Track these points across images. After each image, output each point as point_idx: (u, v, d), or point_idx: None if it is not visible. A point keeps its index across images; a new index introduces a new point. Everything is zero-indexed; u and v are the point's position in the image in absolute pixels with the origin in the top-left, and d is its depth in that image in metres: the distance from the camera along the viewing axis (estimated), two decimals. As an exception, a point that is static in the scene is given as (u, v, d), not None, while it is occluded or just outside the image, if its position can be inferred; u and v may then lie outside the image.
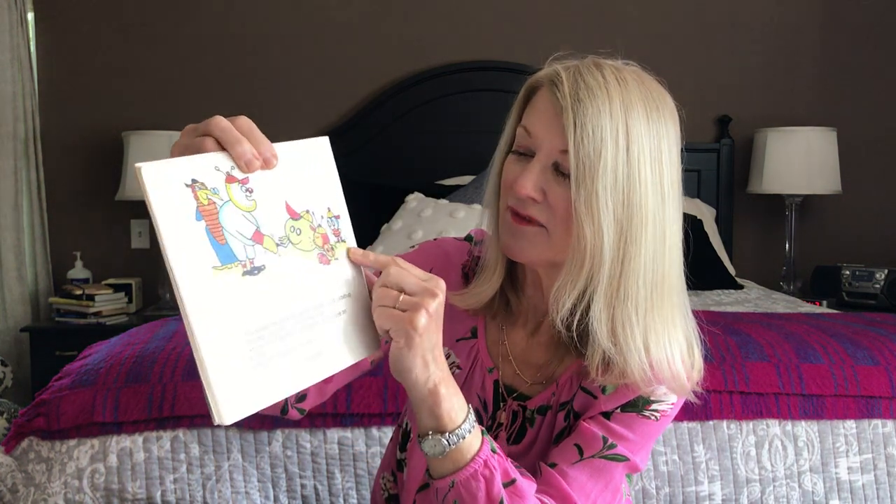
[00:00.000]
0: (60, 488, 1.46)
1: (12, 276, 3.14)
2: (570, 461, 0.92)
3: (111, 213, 3.34)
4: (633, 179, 0.86)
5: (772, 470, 1.52)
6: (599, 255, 0.86)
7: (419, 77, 3.34)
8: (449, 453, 0.83)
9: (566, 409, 0.98)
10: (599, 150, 0.85)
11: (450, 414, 0.82)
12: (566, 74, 0.89)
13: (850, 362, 1.59)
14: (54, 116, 3.32)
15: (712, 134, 3.43)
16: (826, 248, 3.44)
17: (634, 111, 0.87)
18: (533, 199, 0.89)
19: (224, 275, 0.71)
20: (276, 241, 0.76)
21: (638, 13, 3.39)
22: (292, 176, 0.79)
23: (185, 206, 0.70)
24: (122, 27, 3.33)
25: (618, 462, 0.93)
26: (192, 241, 0.70)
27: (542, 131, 0.89)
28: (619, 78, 0.88)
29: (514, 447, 1.00)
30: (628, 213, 0.86)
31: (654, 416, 0.94)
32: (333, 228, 0.81)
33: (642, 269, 0.88)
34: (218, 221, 0.71)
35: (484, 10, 3.38)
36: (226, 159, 0.73)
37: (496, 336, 1.03)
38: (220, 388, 0.70)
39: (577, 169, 0.85)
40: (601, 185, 0.85)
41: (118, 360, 1.58)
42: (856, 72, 3.42)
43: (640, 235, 0.87)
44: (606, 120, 0.85)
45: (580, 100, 0.86)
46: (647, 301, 0.89)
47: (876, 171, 3.43)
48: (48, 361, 2.81)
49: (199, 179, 0.71)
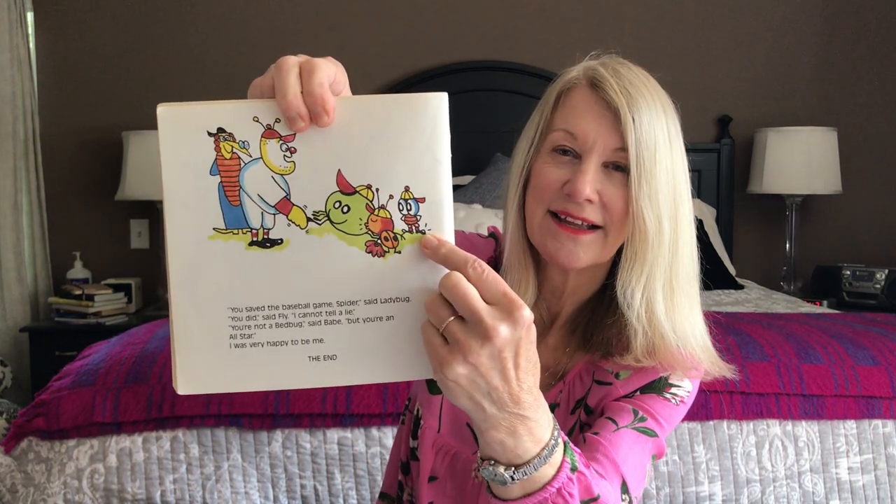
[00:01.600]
0: (60, 488, 1.46)
1: (12, 276, 3.14)
2: (610, 429, 0.89)
3: (111, 213, 3.34)
4: (677, 171, 0.89)
5: (772, 470, 1.52)
6: (659, 247, 0.88)
7: (419, 77, 3.34)
8: (515, 484, 0.69)
9: (580, 406, 0.97)
10: (655, 144, 0.87)
11: (515, 451, 0.67)
12: (606, 72, 0.89)
13: (851, 362, 1.59)
14: (54, 116, 3.32)
15: (712, 134, 3.43)
16: (826, 248, 3.44)
17: (668, 106, 0.90)
18: (590, 200, 0.89)
19: (224, 240, 0.63)
20: (309, 216, 0.63)
21: (638, 13, 3.39)
22: (364, 139, 0.62)
23: (200, 156, 0.62)
24: (123, 27, 3.33)
25: (648, 437, 0.90)
26: (197, 195, 0.62)
27: (593, 131, 0.88)
28: (646, 76, 0.91)
29: None
30: (676, 203, 0.89)
31: (674, 398, 0.93)
32: (407, 214, 0.63)
33: (689, 257, 0.92)
34: (236, 179, 0.62)
35: (484, 10, 3.38)
36: (272, 109, 0.62)
37: None
38: (182, 356, 0.64)
39: (638, 164, 0.86)
40: (660, 179, 0.87)
41: (118, 361, 1.58)
42: (856, 72, 3.42)
43: (684, 223, 0.90)
44: (654, 114, 0.88)
45: (632, 95, 0.87)
46: (690, 286, 0.93)
47: (876, 171, 3.43)
48: (48, 361, 2.81)
49: (228, 129, 0.62)
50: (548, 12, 3.37)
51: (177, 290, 0.64)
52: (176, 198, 0.62)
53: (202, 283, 0.64)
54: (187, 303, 0.64)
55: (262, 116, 0.62)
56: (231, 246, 0.63)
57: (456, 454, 0.98)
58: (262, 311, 0.64)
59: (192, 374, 0.65)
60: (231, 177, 0.62)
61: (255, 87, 0.64)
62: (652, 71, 0.94)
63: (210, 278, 0.64)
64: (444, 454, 0.99)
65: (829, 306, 2.94)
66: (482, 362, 0.61)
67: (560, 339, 1.00)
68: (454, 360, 0.61)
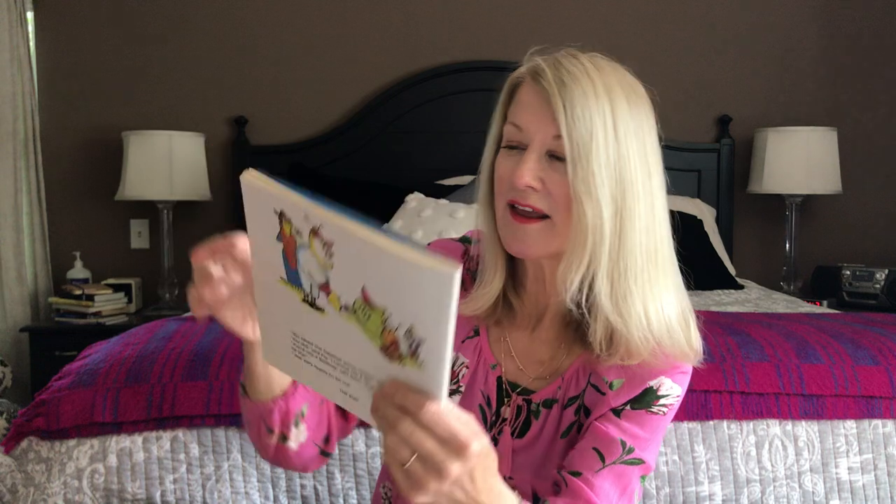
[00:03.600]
0: (60, 488, 1.46)
1: (12, 276, 3.15)
2: (594, 469, 0.94)
3: (111, 213, 3.34)
4: (623, 156, 0.90)
5: (772, 470, 1.52)
6: (600, 232, 0.89)
7: (419, 77, 3.34)
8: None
9: (576, 404, 0.99)
10: (591, 130, 0.88)
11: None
12: (546, 64, 0.92)
13: (851, 362, 1.59)
14: (54, 116, 3.33)
15: (712, 134, 3.43)
16: (826, 248, 3.44)
17: (615, 92, 0.91)
18: (532, 187, 0.91)
19: (287, 288, 0.75)
20: (342, 304, 0.71)
21: (638, 13, 3.39)
22: (387, 272, 0.67)
23: (270, 224, 0.73)
24: (122, 27, 3.33)
25: (635, 466, 0.96)
26: (269, 250, 0.75)
27: (532, 122, 0.92)
28: (595, 65, 0.92)
29: (518, 441, 1.01)
30: (622, 189, 0.90)
31: (662, 410, 0.96)
32: (410, 344, 0.67)
33: (638, 242, 0.91)
34: (294, 253, 0.73)
35: (484, 10, 3.38)
36: (316, 212, 0.69)
37: (497, 333, 1.05)
38: (265, 338, 0.82)
39: (572, 150, 0.89)
40: (595, 163, 0.88)
41: (118, 360, 1.58)
42: (856, 72, 3.42)
43: (634, 210, 0.90)
44: (593, 101, 0.89)
45: (565, 84, 0.90)
46: (644, 272, 0.92)
47: (876, 171, 3.43)
48: (48, 361, 2.81)
49: (287, 216, 0.72)
50: (547, 12, 3.38)
51: (260, 296, 0.79)
52: (256, 243, 0.77)
53: (275, 306, 0.78)
54: (267, 310, 0.79)
55: (310, 217, 0.70)
56: (292, 294, 0.75)
57: None
58: (311, 345, 0.76)
59: (268, 352, 0.83)
60: (290, 249, 0.73)
61: None
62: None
63: (280, 307, 0.77)
64: None
65: (829, 306, 2.94)
66: (442, 491, 0.68)
67: (555, 333, 1.01)
68: (417, 492, 0.68)
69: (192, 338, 1.67)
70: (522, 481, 1.00)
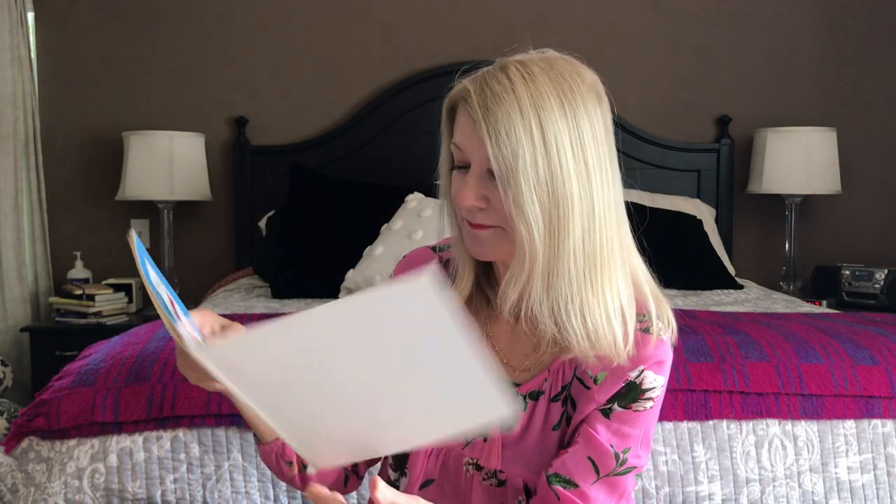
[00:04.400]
0: (60, 488, 1.46)
1: (12, 276, 3.15)
2: (589, 481, 0.97)
3: (111, 213, 3.34)
4: (555, 170, 0.90)
5: (771, 470, 1.52)
6: (533, 247, 0.90)
7: (419, 77, 3.34)
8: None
9: (563, 397, 1.00)
10: (517, 151, 0.88)
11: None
12: (473, 87, 0.93)
13: (850, 362, 1.59)
14: (54, 116, 3.33)
15: (712, 134, 3.43)
16: (826, 248, 3.44)
17: (545, 102, 0.90)
18: (478, 206, 0.94)
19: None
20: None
21: (637, 13, 3.39)
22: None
23: None
24: (122, 27, 3.33)
25: (628, 474, 0.98)
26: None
27: (468, 145, 0.93)
28: (524, 74, 0.92)
29: (507, 434, 1.01)
30: (554, 202, 0.90)
31: (647, 405, 0.98)
32: None
33: (572, 249, 0.91)
34: None
35: (484, 10, 3.38)
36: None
37: (480, 330, 1.06)
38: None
39: (501, 173, 0.89)
40: (525, 184, 0.89)
41: (118, 360, 1.58)
42: (856, 72, 3.42)
43: (568, 220, 0.91)
44: (518, 121, 0.89)
45: (488, 108, 0.90)
46: (581, 276, 0.92)
47: (876, 171, 3.43)
48: (48, 361, 2.81)
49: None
50: (547, 13, 3.38)
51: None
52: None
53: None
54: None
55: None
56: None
57: (447, 452, 1.04)
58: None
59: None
60: None
61: None
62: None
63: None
64: (436, 455, 1.05)
65: (829, 306, 2.94)
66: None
67: (534, 325, 1.02)
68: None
69: (193, 338, 1.67)
70: (513, 475, 1.01)
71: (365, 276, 2.55)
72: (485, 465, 1.02)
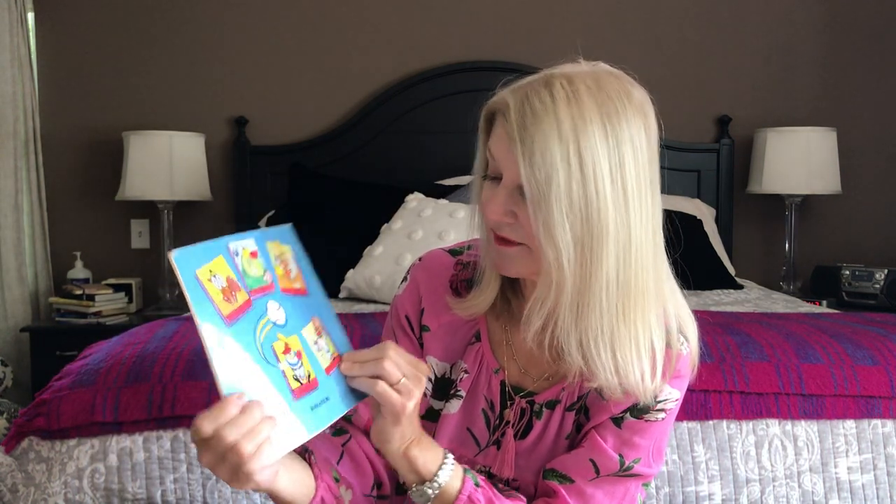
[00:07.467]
0: (60, 488, 1.46)
1: (12, 276, 3.15)
2: (587, 478, 0.96)
3: (111, 213, 3.34)
4: (591, 196, 0.85)
5: (771, 470, 1.52)
6: (562, 274, 0.87)
7: (419, 77, 3.34)
8: (435, 498, 0.93)
9: (578, 406, 0.99)
10: (550, 176, 0.84)
11: (425, 466, 0.92)
12: (513, 101, 0.88)
13: (850, 362, 1.59)
14: (54, 116, 3.33)
15: (712, 134, 3.43)
16: (826, 248, 3.44)
17: (587, 127, 0.85)
18: (506, 221, 0.91)
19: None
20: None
21: (638, 13, 3.39)
22: None
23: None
24: (122, 27, 3.33)
25: (632, 478, 0.97)
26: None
27: (502, 158, 0.90)
28: (569, 94, 0.87)
29: (521, 443, 1.01)
30: (588, 230, 0.86)
31: (660, 416, 0.97)
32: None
33: (605, 280, 0.88)
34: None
35: (484, 10, 3.38)
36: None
37: (500, 337, 1.05)
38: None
39: (532, 195, 0.86)
40: (556, 209, 0.85)
41: (118, 360, 1.58)
42: (856, 72, 3.42)
43: (602, 248, 0.87)
44: (555, 144, 0.85)
45: (526, 127, 0.86)
46: (612, 309, 0.89)
47: (876, 171, 3.43)
48: (48, 361, 2.81)
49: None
50: (547, 12, 3.38)
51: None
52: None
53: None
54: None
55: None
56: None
57: (458, 459, 1.02)
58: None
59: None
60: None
61: None
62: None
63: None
64: None
65: (829, 306, 2.94)
66: (417, 400, 0.88)
67: (558, 356, 1.01)
68: (411, 400, 0.87)
69: (193, 337, 1.67)
70: (526, 483, 1.01)
71: (365, 277, 2.55)
72: (497, 473, 1.02)
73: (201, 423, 0.76)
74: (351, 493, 0.99)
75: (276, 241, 0.87)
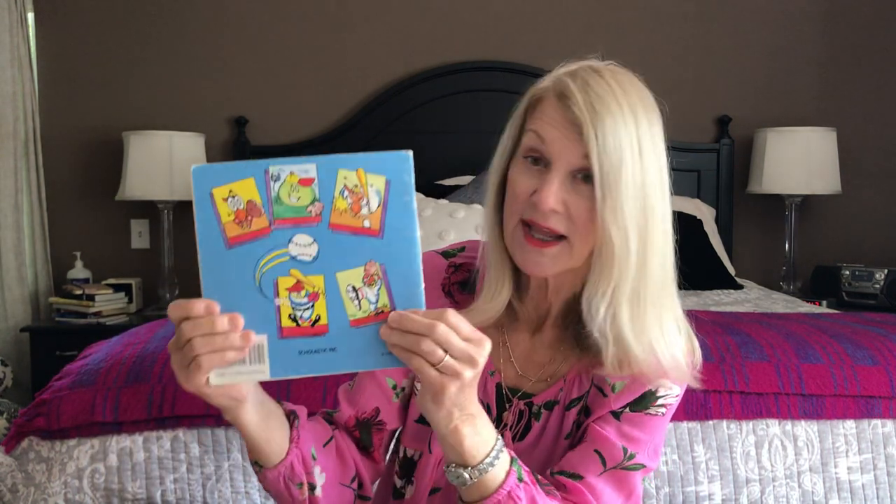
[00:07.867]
0: (60, 488, 1.46)
1: (12, 276, 3.14)
2: (595, 473, 0.95)
3: (111, 213, 3.34)
4: (648, 183, 0.88)
5: (771, 470, 1.52)
6: (626, 260, 0.88)
7: (419, 77, 3.34)
8: (473, 484, 0.85)
9: (579, 406, 0.99)
10: (620, 160, 0.86)
11: (471, 451, 0.84)
12: (574, 85, 0.89)
13: (850, 362, 1.59)
14: (54, 116, 3.33)
15: (712, 134, 3.43)
16: (826, 248, 3.44)
17: (640, 117, 0.89)
18: (555, 211, 0.89)
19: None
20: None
21: (637, 13, 3.39)
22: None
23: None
24: (123, 27, 3.33)
25: (636, 470, 0.97)
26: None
27: (558, 141, 0.89)
28: (620, 83, 0.89)
29: (519, 444, 1.01)
30: (645, 217, 0.88)
31: (660, 411, 0.97)
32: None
33: (654, 268, 0.90)
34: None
35: (484, 10, 3.38)
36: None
37: (496, 338, 1.03)
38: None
39: (602, 180, 0.86)
40: (625, 193, 0.87)
41: (118, 360, 1.58)
42: (856, 72, 3.42)
43: (655, 237, 0.89)
44: (622, 128, 0.87)
45: (597, 111, 0.87)
46: (657, 298, 0.91)
47: (876, 171, 3.43)
48: (48, 361, 2.81)
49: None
50: (547, 12, 3.38)
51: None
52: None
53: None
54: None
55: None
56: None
57: None
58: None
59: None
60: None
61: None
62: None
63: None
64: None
65: (829, 306, 2.94)
66: (473, 379, 0.79)
67: (555, 336, 1.01)
68: (452, 383, 0.78)
69: (193, 338, 1.66)
70: None
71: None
72: None
73: (170, 307, 0.77)
74: (325, 476, 0.95)
75: (361, 170, 0.76)
